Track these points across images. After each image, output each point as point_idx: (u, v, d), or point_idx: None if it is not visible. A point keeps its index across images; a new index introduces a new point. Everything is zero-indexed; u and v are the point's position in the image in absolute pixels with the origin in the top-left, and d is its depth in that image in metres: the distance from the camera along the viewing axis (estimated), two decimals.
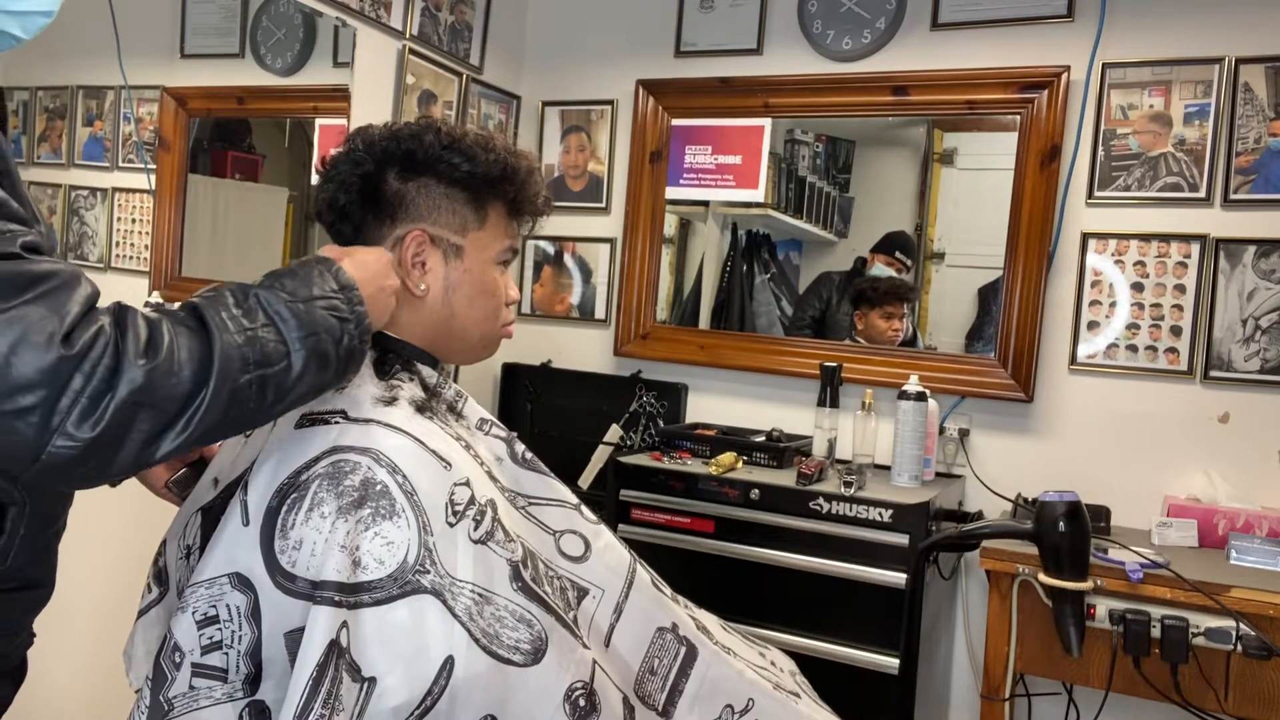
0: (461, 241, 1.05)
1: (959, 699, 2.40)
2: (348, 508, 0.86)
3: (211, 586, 0.88)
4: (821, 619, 2.01)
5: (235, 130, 2.19)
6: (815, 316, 2.66)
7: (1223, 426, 2.16)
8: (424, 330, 1.05)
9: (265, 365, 0.79)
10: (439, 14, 2.54)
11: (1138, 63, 2.23)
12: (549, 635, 0.92)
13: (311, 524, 0.85)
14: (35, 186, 1.85)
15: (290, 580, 0.85)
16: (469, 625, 0.87)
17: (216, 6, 2.06)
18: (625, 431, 2.65)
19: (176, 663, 0.87)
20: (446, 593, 0.87)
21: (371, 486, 0.87)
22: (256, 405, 0.80)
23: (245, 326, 0.79)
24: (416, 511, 0.88)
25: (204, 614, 0.87)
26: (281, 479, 0.89)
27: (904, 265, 2.55)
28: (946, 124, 2.52)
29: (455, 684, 0.85)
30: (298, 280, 0.86)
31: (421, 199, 1.03)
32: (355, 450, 0.89)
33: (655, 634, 1.06)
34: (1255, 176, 2.13)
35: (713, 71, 2.66)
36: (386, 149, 1.03)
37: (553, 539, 1.04)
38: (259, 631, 0.86)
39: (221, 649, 0.87)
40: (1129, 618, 1.74)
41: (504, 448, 1.07)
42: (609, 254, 2.82)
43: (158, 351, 0.73)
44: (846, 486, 2.02)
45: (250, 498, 0.89)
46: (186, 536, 1.01)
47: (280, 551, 0.86)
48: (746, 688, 1.10)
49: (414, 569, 0.86)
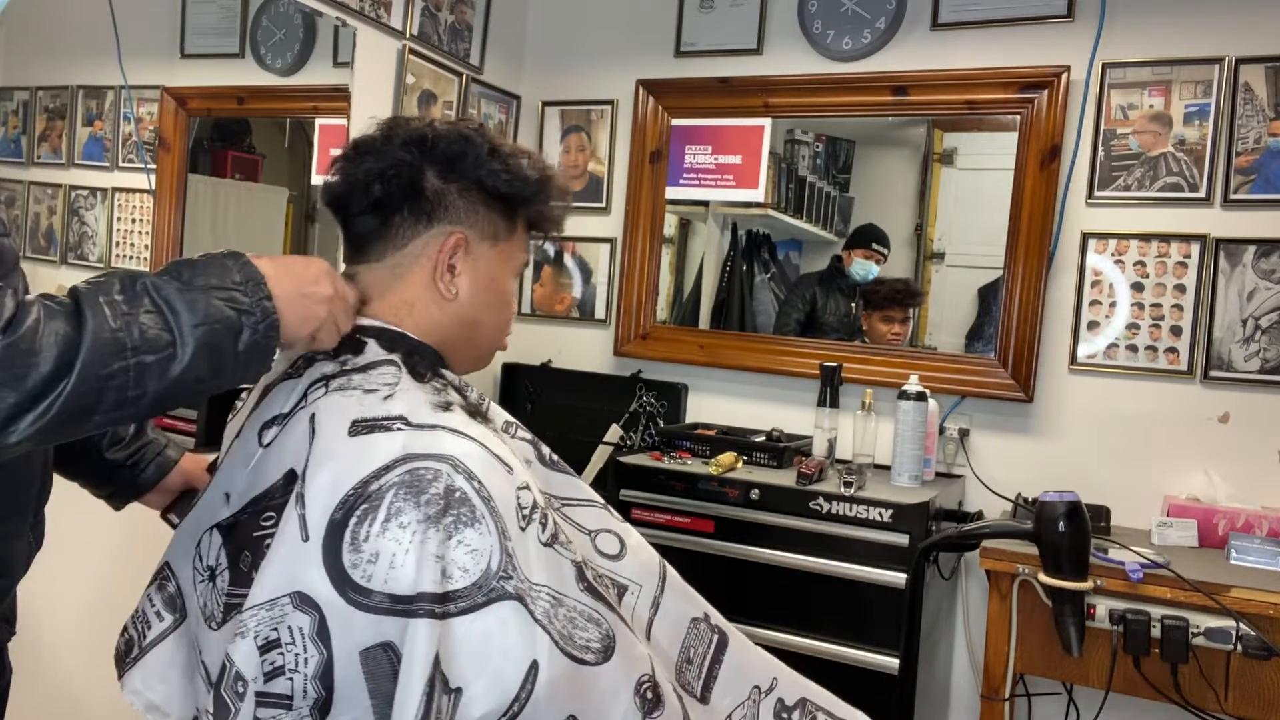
0: (492, 250, 1.04)
1: (959, 699, 2.40)
2: (434, 516, 0.83)
3: (272, 608, 0.83)
4: (821, 619, 2.01)
5: (235, 130, 2.19)
6: (800, 320, 2.66)
7: (1223, 426, 2.16)
8: (442, 335, 1.03)
9: (145, 352, 0.76)
10: (439, 14, 2.54)
11: (1138, 63, 2.23)
12: (615, 633, 0.92)
13: (389, 535, 0.82)
14: (35, 186, 1.85)
15: (365, 595, 0.82)
16: (549, 628, 0.86)
17: (216, 6, 2.05)
18: (625, 431, 2.65)
19: (240, 693, 0.83)
20: (527, 597, 0.86)
21: (452, 494, 0.85)
22: (136, 393, 0.76)
23: (124, 312, 0.76)
24: (495, 517, 0.86)
25: (266, 638, 0.83)
26: (345, 490, 0.84)
27: (882, 256, 2.56)
28: (946, 124, 2.52)
29: (539, 688, 0.84)
30: (196, 269, 0.83)
31: (462, 202, 1.01)
32: (432, 457, 0.86)
33: (690, 625, 1.08)
34: (1255, 176, 2.13)
35: (713, 71, 2.66)
36: (433, 146, 1.00)
37: (589, 538, 1.04)
38: (328, 653, 0.82)
39: (285, 674, 0.83)
40: (1129, 618, 1.74)
41: (531, 450, 1.06)
42: (609, 254, 2.82)
43: (16, 328, 0.70)
44: (846, 486, 2.02)
45: (310, 511, 0.85)
46: (206, 557, 0.96)
47: (352, 566, 0.82)
48: (770, 668, 1.12)
49: (498, 575, 0.84)
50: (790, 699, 1.12)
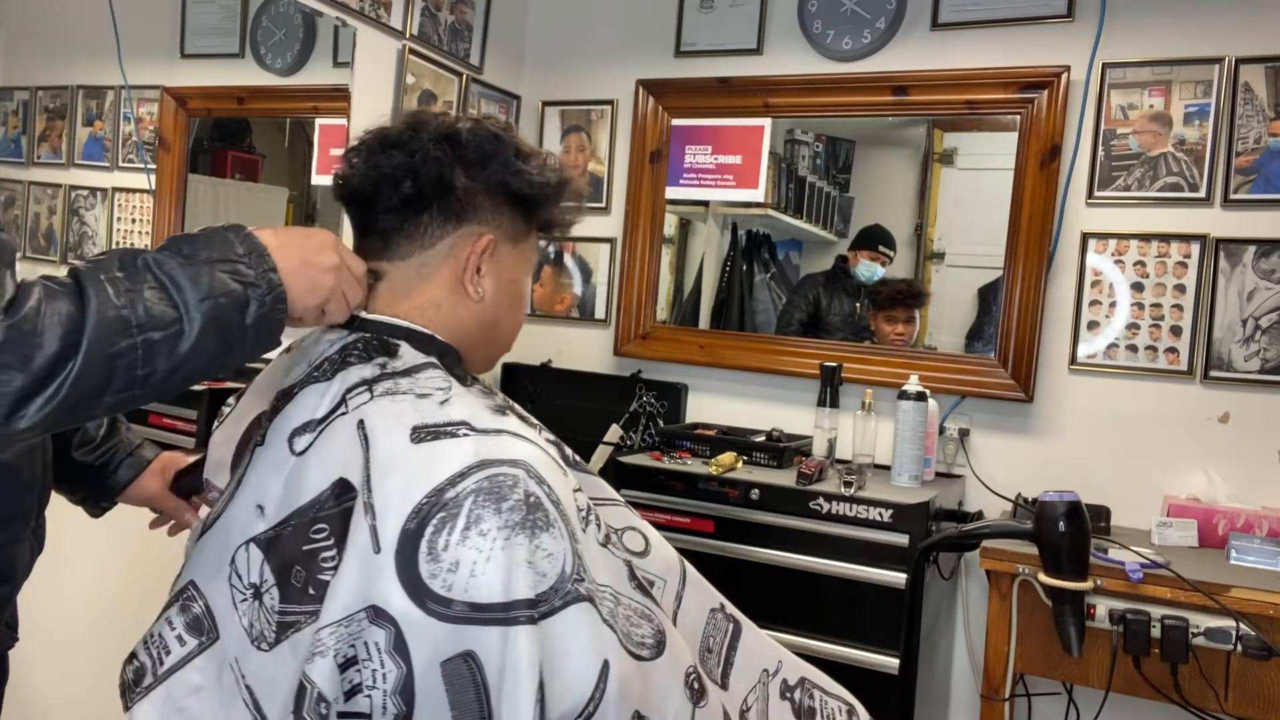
0: (513, 251, 1.03)
1: (959, 699, 2.40)
2: (519, 523, 0.82)
3: (349, 624, 0.81)
4: (821, 619, 2.01)
5: (235, 130, 2.19)
6: (803, 320, 2.66)
7: (1223, 426, 2.16)
8: (464, 336, 1.01)
9: (151, 329, 0.74)
10: (439, 14, 2.54)
11: (1138, 63, 2.23)
12: (664, 628, 0.93)
13: (470, 543, 0.80)
14: (35, 186, 1.85)
15: (445, 605, 0.79)
16: (615, 627, 0.87)
17: (216, 6, 2.05)
18: (625, 431, 2.65)
19: (323, 714, 0.81)
20: (596, 597, 0.86)
21: (529, 499, 0.84)
22: (146, 371, 0.74)
23: (128, 289, 0.74)
24: (564, 521, 0.85)
25: (345, 656, 0.81)
26: (418, 499, 0.82)
27: (888, 258, 2.56)
28: (946, 124, 2.52)
29: (611, 687, 0.84)
30: (198, 243, 0.80)
31: (489, 203, 0.99)
32: (505, 463, 0.84)
33: (709, 615, 1.10)
34: (1255, 176, 2.13)
35: (713, 71, 2.66)
36: (464, 144, 0.98)
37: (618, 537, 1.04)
38: (407, 666, 0.79)
39: (363, 691, 0.80)
40: (1129, 618, 1.74)
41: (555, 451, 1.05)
42: (609, 254, 2.82)
43: (18, 310, 0.69)
44: (846, 486, 2.02)
45: (381, 522, 0.82)
46: (247, 574, 0.91)
47: (431, 576, 0.80)
48: (775, 651, 1.15)
49: (572, 578, 0.84)
50: (792, 679, 1.14)
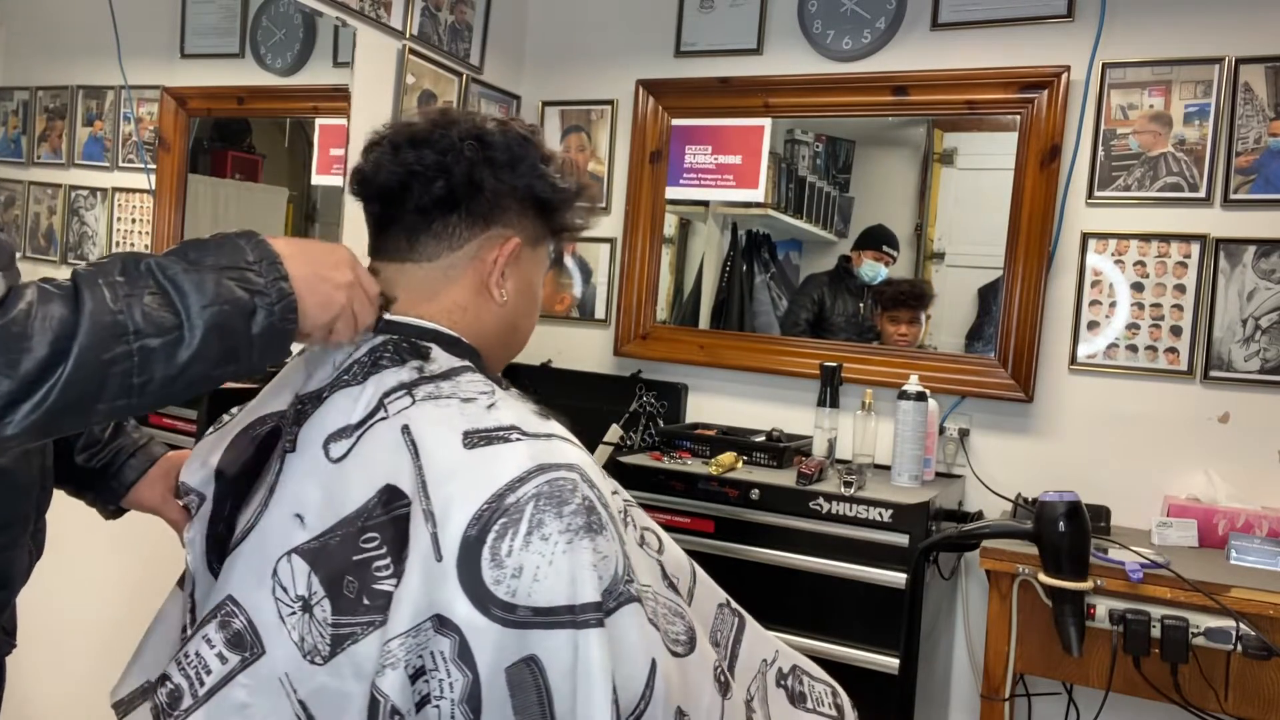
0: (532, 255, 1.03)
1: (959, 699, 2.40)
2: (581, 527, 0.82)
3: (417, 634, 0.80)
4: (821, 619, 2.01)
5: (235, 130, 2.19)
6: (809, 319, 2.66)
7: (1223, 426, 2.16)
8: (484, 339, 1.01)
9: (148, 335, 0.72)
10: (439, 14, 2.54)
11: (1138, 63, 2.23)
12: (694, 624, 0.95)
13: (533, 548, 0.80)
14: (35, 186, 1.85)
15: (510, 610, 0.79)
16: (658, 626, 0.88)
17: (216, 6, 2.05)
18: (625, 431, 2.65)
19: None
20: (643, 598, 0.87)
21: (587, 503, 0.84)
22: (142, 380, 0.72)
23: (126, 293, 0.72)
24: (614, 523, 0.86)
25: (415, 666, 0.80)
26: (479, 505, 0.81)
27: (892, 258, 2.57)
28: (946, 124, 2.52)
29: (658, 685, 0.85)
30: (207, 249, 0.78)
31: (515, 206, 0.99)
32: (562, 467, 0.85)
33: (716, 610, 1.12)
34: (1255, 176, 2.13)
35: (713, 71, 2.66)
36: (494, 145, 0.96)
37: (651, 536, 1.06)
38: (474, 674, 0.79)
39: (431, 702, 0.80)
40: (1129, 618, 1.74)
41: None
42: (609, 254, 2.82)
43: (8, 311, 0.67)
44: (846, 486, 2.02)
45: (442, 529, 0.81)
46: (293, 587, 0.88)
47: (495, 582, 0.79)
48: (771, 642, 1.18)
49: (623, 580, 0.85)
50: (785, 667, 1.18)
